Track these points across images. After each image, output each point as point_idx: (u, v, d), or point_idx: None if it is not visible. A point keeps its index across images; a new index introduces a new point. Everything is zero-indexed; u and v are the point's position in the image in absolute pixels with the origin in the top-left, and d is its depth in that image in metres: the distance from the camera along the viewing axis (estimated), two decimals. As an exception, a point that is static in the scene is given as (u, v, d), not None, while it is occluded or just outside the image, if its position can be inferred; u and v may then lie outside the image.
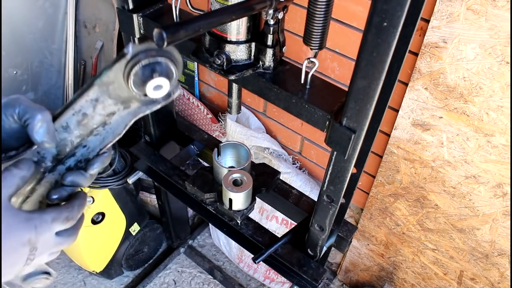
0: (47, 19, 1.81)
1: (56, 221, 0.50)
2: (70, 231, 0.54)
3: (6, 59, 1.77)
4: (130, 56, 0.47)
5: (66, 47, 1.92)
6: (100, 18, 1.78)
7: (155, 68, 0.47)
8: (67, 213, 0.52)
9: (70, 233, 0.54)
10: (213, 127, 1.71)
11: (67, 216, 0.52)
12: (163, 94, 0.49)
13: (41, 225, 0.48)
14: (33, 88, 1.92)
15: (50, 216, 0.50)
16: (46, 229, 0.49)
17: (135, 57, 0.47)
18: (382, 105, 0.69)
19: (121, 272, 1.77)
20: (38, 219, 0.48)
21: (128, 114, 0.53)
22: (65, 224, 0.52)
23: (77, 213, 0.54)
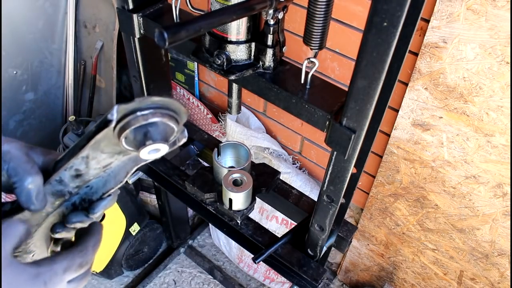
0: (47, 19, 1.81)
1: (69, 271, 0.44)
2: (83, 275, 0.47)
3: (6, 59, 1.77)
4: (115, 123, 0.41)
5: (66, 47, 1.92)
6: (100, 18, 1.79)
7: (148, 132, 0.42)
8: (80, 259, 0.45)
9: (82, 276, 0.47)
10: (213, 127, 1.71)
11: (80, 262, 0.45)
12: (162, 154, 0.45)
13: (51, 279, 0.42)
14: (33, 88, 1.92)
15: (61, 266, 0.43)
16: (57, 282, 0.43)
17: (122, 121, 0.41)
18: (382, 105, 0.69)
19: (121, 272, 1.77)
20: (48, 273, 0.42)
21: (129, 161, 0.49)
22: (78, 271, 0.46)
23: (91, 255, 0.47)
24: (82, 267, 0.46)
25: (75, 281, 0.46)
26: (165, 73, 1.12)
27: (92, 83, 1.92)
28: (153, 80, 1.08)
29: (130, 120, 0.41)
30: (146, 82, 1.06)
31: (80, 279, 0.47)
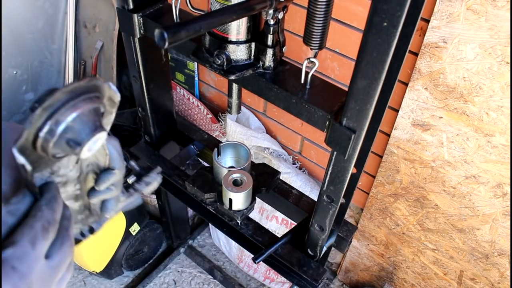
0: (47, 19, 1.81)
1: (37, 240, 0.37)
2: (60, 241, 0.40)
3: (6, 59, 1.77)
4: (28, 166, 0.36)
5: (66, 47, 1.92)
6: (100, 18, 1.79)
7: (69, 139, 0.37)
8: (39, 221, 0.38)
9: (60, 243, 0.40)
10: (213, 127, 1.71)
11: (42, 225, 0.38)
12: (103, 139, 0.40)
13: (21, 259, 0.35)
14: (33, 88, 1.92)
15: (26, 239, 0.36)
16: (31, 261, 0.36)
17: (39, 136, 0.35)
18: (382, 105, 0.69)
19: (121, 272, 1.77)
20: (14, 253, 0.35)
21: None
22: (47, 237, 0.38)
23: (50, 213, 0.39)
24: (47, 230, 0.38)
25: (54, 254, 0.40)
26: (165, 73, 1.12)
27: (92, 83, 1.92)
28: (153, 80, 1.09)
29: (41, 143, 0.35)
30: (146, 82, 1.06)
31: (59, 249, 0.40)
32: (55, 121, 0.36)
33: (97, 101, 0.38)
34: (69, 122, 0.36)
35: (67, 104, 0.36)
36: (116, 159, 0.50)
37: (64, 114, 0.36)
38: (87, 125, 0.37)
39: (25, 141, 0.36)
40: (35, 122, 0.36)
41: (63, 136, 0.37)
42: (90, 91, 0.38)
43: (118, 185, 0.53)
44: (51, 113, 0.36)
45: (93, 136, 0.38)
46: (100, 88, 0.39)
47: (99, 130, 0.38)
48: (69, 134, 0.37)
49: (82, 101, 0.37)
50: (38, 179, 0.41)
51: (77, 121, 0.37)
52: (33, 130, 0.36)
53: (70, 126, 0.37)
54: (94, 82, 0.39)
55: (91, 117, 0.38)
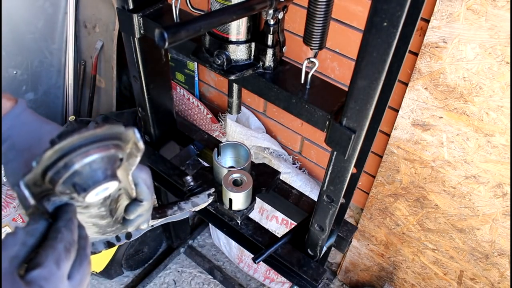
0: (47, 19, 1.81)
1: (61, 261, 0.39)
2: (79, 261, 0.42)
3: (6, 59, 1.77)
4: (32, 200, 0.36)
5: (66, 47, 1.92)
6: (100, 18, 1.78)
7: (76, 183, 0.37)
8: (60, 243, 0.40)
9: (79, 262, 0.42)
10: (213, 127, 1.71)
11: (64, 246, 0.40)
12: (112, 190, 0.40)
13: (47, 280, 0.38)
14: (33, 88, 1.92)
15: (51, 260, 0.38)
16: (56, 282, 0.38)
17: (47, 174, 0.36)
18: (382, 105, 0.69)
19: (121, 272, 1.77)
20: (41, 274, 0.37)
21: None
22: (69, 257, 0.41)
23: (69, 235, 0.41)
24: (69, 251, 0.41)
25: (75, 274, 0.42)
26: (165, 73, 1.12)
27: (92, 83, 1.92)
28: (153, 80, 1.08)
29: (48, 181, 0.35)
30: (146, 82, 1.06)
31: (79, 269, 0.42)
32: (64, 164, 0.36)
33: (112, 149, 0.38)
34: (77, 168, 0.36)
35: (79, 150, 0.36)
36: (144, 192, 0.51)
37: (74, 159, 0.36)
38: (96, 173, 0.37)
39: (33, 176, 0.36)
40: (44, 162, 0.36)
41: (70, 180, 0.37)
42: (108, 139, 0.38)
43: (147, 214, 0.55)
44: (61, 155, 0.36)
45: (100, 185, 0.38)
46: (122, 134, 0.39)
47: (108, 179, 0.38)
48: (76, 179, 0.37)
49: (96, 149, 0.37)
50: (53, 202, 0.42)
51: (85, 168, 0.37)
52: (41, 168, 0.36)
53: (78, 172, 0.37)
54: (114, 129, 0.38)
55: (102, 165, 0.38)
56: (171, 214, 0.70)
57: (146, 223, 0.59)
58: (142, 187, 0.51)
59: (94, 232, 0.55)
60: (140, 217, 0.55)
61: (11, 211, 1.48)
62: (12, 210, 1.48)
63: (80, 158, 0.37)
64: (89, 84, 1.95)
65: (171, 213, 0.70)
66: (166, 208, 0.70)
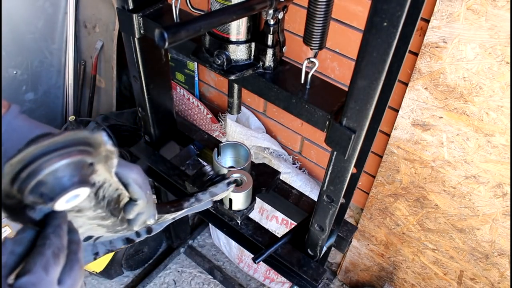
0: (47, 19, 1.81)
1: (49, 266, 0.39)
2: (70, 265, 0.42)
3: (6, 59, 1.77)
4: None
5: (66, 47, 1.92)
6: (100, 18, 1.79)
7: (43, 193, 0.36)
8: (48, 249, 0.39)
9: (70, 267, 0.42)
10: (213, 127, 1.71)
11: (53, 251, 0.40)
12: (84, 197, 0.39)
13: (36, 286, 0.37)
14: (33, 88, 1.92)
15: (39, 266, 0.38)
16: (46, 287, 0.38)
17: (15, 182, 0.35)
18: (382, 105, 0.69)
19: (121, 272, 1.77)
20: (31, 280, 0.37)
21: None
22: (57, 262, 0.40)
23: (57, 240, 0.41)
24: (57, 257, 0.40)
25: (66, 278, 0.41)
26: (165, 73, 1.12)
27: (92, 83, 1.92)
28: (153, 80, 1.08)
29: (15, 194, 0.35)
30: (146, 82, 1.06)
31: (69, 274, 0.42)
32: (27, 175, 0.35)
33: (77, 155, 0.37)
34: (41, 177, 0.35)
35: (42, 159, 0.35)
36: (136, 191, 0.51)
37: (37, 168, 0.35)
38: (61, 181, 0.36)
39: (3, 189, 0.36)
40: (8, 173, 0.35)
41: (36, 189, 0.36)
42: (71, 145, 0.37)
43: (147, 210, 0.54)
44: (23, 166, 0.35)
45: (67, 193, 0.37)
46: (89, 139, 0.38)
47: (75, 186, 0.37)
48: (43, 188, 0.36)
49: (58, 157, 0.36)
50: (39, 210, 0.41)
51: (49, 177, 0.36)
52: (6, 180, 0.35)
53: (43, 181, 0.36)
54: (76, 135, 0.37)
55: (67, 172, 0.36)
56: (188, 207, 0.67)
57: (152, 218, 0.58)
58: (133, 187, 0.51)
59: (104, 232, 0.55)
60: (141, 215, 0.55)
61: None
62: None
63: (43, 167, 0.35)
64: (89, 84, 1.95)
65: (188, 205, 0.67)
66: (182, 201, 0.68)
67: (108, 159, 0.42)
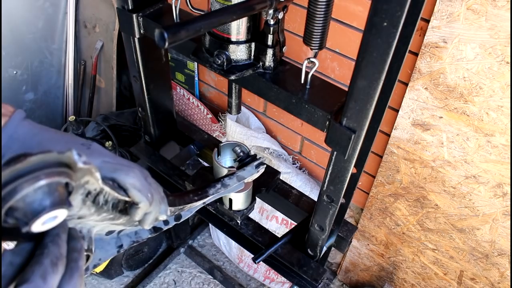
0: (47, 19, 1.81)
1: (48, 275, 0.38)
2: (69, 273, 0.42)
3: (6, 59, 1.77)
4: None
5: (66, 47, 1.92)
6: (100, 18, 1.79)
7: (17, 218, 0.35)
8: (47, 258, 0.39)
9: (70, 275, 0.42)
10: (213, 127, 1.71)
11: (51, 260, 0.40)
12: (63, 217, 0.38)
13: None
14: (33, 88, 1.92)
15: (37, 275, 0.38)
16: None
17: None
18: (382, 105, 0.69)
19: (121, 272, 1.77)
20: None
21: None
22: (56, 270, 0.40)
23: (56, 249, 0.41)
24: (56, 265, 0.40)
25: (65, 285, 0.41)
26: (165, 73, 1.12)
27: (92, 83, 1.92)
28: (153, 80, 1.08)
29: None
30: (146, 82, 1.06)
31: (69, 282, 0.42)
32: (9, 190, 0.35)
33: (47, 178, 0.36)
34: (11, 204, 0.35)
35: (8, 187, 0.34)
36: (135, 195, 0.51)
37: (5, 196, 0.34)
38: (32, 206, 0.35)
39: None
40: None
41: (11, 214, 0.36)
42: (38, 169, 0.36)
43: (154, 209, 0.54)
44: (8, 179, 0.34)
45: (41, 217, 0.36)
46: (58, 160, 0.37)
47: (48, 210, 0.36)
48: (16, 214, 0.36)
49: (25, 182, 0.35)
50: None
51: (19, 203, 0.35)
52: None
53: (14, 207, 0.35)
54: (42, 158, 0.35)
55: (38, 196, 0.36)
56: (214, 193, 0.65)
57: (163, 214, 0.57)
58: (132, 192, 0.51)
59: (123, 227, 0.54)
60: (148, 215, 0.54)
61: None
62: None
63: (13, 193, 0.35)
64: (89, 84, 1.95)
65: (214, 191, 0.64)
66: (208, 187, 0.64)
67: (89, 172, 0.41)
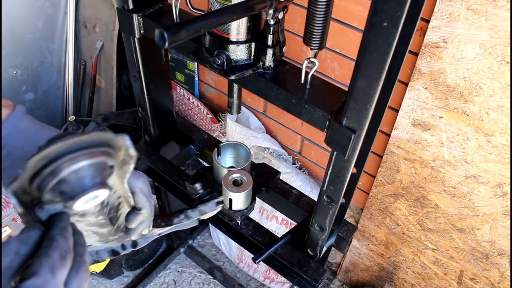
0: (47, 19, 1.81)
1: (56, 268, 0.38)
2: (76, 268, 0.41)
3: (6, 59, 1.77)
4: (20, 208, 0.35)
5: (66, 47, 1.92)
6: (100, 18, 1.78)
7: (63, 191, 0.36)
8: (55, 251, 0.39)
9: (76, 269, 0.41)
10: (213, 127, 1.71)
11: (59, 254, 0.39)
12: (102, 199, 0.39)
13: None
14: (33, 88, 1.92)
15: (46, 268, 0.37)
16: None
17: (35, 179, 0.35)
18: (382, 105, 0.69)
19: (121, 272, 1.77)
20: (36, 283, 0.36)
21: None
22: (64, 265, 0.40)
23: (64, 242, 0.40)
24: (64, 259, 0.40)
25: (72, 280, 0.41)
26: (165, 73, 1.12)
27: (92, 83, 1.92)
28: (153, 80, 1.08)
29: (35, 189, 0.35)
30: (146, 82, 1.06)
31: (76, 276, 0.41)
32: (50, 172, 0.35)
33: (101, 156, 0.37)
34: (63, 175, 0.35)
35: (66, 157, 0.35)
36: (141, 200, 0.51)
37: (60, 166, 0.35)
38: (83, 181, 0.36)
39: (20, 184, 0.35)
40: (29, 169, 0.35)
41: (57, 187, 0.36)
42: (96, 145, 0.37)
43: (148, 220, 0.54)
44: (47, 162, 0.35)
45: (88, 193, 0.36)
46: (112, 141, 0.38)
47: (96, 187, 0.37)
48: (64, 187, 0.36)
49: (83, 156, 0.36)
50: (46, 210, 0.41)
51: (72, 176, 0.36)
52: (27, 175, 0.35)
53: (65, 179, 0.36)
54: (102, 136, 0.37)
55: (90, 172, 0.36)
56: (177, 223, 0.69)
57: (148, 228, 0.58)
58: (139, 196, 0.51)
59: (95, 240, 0.54)
60: (141, 225, 0.55)
61: (11, 211, 1.48)
62: (12, 210, 1.48)
63: (67, 165, 0.35)
64: (89, 84, 1.95)
65: (178, 221, 0.69)
66: (172, 217, 0.69)
67: (125, 164, 0.42)
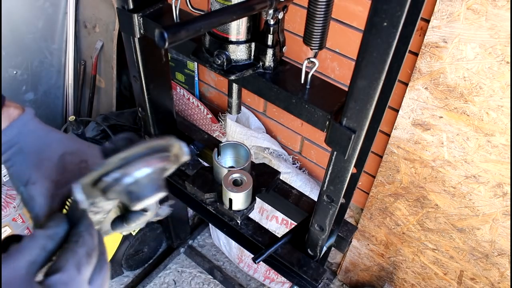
0: (47, 19, 1.81)
1: (82, 266, 0.38)
2: (100, 265, 0.42)
3: (6, 59, 1.77)
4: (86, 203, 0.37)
5: (66, 47, 1.92)
6: (100, 18, 1.79)
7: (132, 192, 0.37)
8: (82, 248, 0.40)
9: (100, 267, 0.42)
10: (213, 127, 1.71)
11: (86, 251, 0.40)
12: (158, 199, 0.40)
13: (67, 287, 0.37)
14: (33, 88, 1.92)
15: (72, 265, 0.37)
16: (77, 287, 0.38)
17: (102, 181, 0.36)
18: (382, 105, 0.69)
19: (121, 272, 1.77)
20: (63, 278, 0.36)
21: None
22: (90, 262, 0.40)
23: (90, 239, 0.41)
24: (90, 256, 0.40)
25: (96, 278, 0.41)
26: (165, 73, 1.12)
27: (92, 83, 1.92)
28: (153, 80, 1.08)
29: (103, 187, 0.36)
30: (146, 82, 1.06)
31: (99, 273, 0.42)
32: (125, 172, 0.37)
33: (166, 161, 0.39)
34: (138, 177, 0.37)
35: (142, 159, 0.37)
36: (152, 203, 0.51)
37: (136, 168, 0.37)
38: (152, 183, 0.38)
39: (90, 180, 0.37)
40: (108, 167, 0.36)
41: (127, 187, 0.37)
42: (164, 150, 0.39)
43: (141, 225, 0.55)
44: (124, 163, 0.37)
45: (154, 195, 0.38)
46: (171, 146, 0.40)
47: (160, 190, 0.39)
48: (134, 188, 0.38)
49: (156, 159, 0.38)
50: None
51: (145, 178, 0.37)
52: (101, 173, 0.37)
53: (137, 181, 0.37)
54: (170, 141, 0.39)
55: (156, 176, 0.38)
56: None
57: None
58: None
59: None
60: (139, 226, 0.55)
61: (11, 211, 1.48)
62: (12, 210, 1.48)
63: (142, 167, 0.37)
64: (89, 84, 1.95)
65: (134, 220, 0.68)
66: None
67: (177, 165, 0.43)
